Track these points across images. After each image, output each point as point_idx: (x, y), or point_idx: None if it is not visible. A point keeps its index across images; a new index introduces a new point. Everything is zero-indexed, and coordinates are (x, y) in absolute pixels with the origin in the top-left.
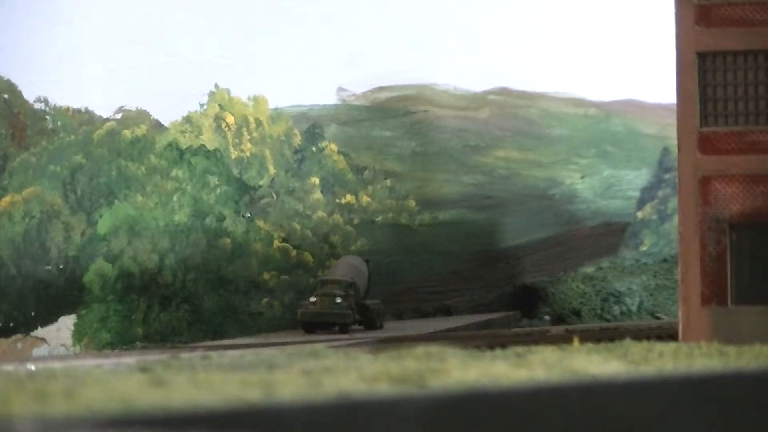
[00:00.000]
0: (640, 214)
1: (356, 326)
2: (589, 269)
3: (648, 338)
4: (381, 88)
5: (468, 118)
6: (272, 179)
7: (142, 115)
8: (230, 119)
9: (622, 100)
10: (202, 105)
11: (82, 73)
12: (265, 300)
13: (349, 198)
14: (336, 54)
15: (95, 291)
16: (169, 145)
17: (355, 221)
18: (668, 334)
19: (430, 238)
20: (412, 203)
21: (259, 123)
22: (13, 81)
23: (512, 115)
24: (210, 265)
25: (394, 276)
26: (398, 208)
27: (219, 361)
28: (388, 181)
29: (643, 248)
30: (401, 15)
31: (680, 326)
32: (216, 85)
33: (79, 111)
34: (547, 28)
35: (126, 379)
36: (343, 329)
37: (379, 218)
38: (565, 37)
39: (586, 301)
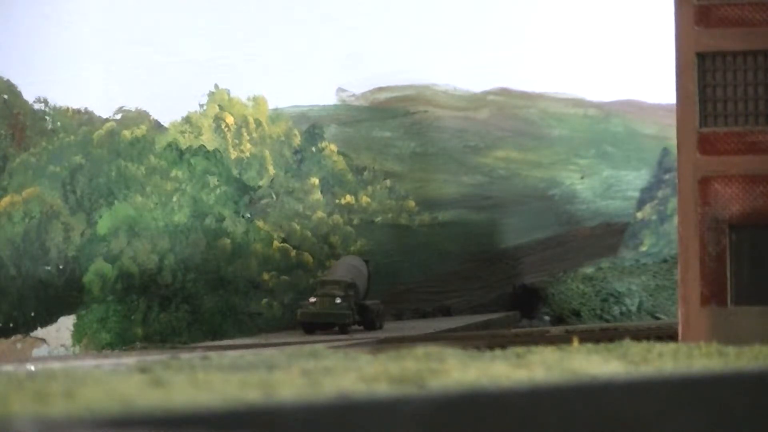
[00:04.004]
0: (639, 215)
1: (356, 326)
2: (589, 269)
3: (648, 339)
4: (381, 89)
5: (468, 118)
6: (272, 179)
7: (141, 116)
8: (230, 120)
9: (622, 100)
10: (201, 105)
11: (82, 73)
12: (265, 300)
13: (348, 198)
14: (336, 54)
15: (95, 291)
16: (169, 145)
17: (355, 221)
18: (668, 335)
19: (430, 239)
20: (412, 203)
21: (258, 123)
22: (13, 81)
23: (512, 115)
24: (210, 265)
25: (394, 276)
26: (398, 209)
27: (219, 361)
28: (388, 182)
29: (643, 249)
30: (401, 15)
31: (680, 327)
32: (216, 86)
33: (78, 111)
34: (547, 28)
35: (126, 379)
36: (343, 329)
37: (378, 219)
38: (565, 37)
39: (586, 302)
